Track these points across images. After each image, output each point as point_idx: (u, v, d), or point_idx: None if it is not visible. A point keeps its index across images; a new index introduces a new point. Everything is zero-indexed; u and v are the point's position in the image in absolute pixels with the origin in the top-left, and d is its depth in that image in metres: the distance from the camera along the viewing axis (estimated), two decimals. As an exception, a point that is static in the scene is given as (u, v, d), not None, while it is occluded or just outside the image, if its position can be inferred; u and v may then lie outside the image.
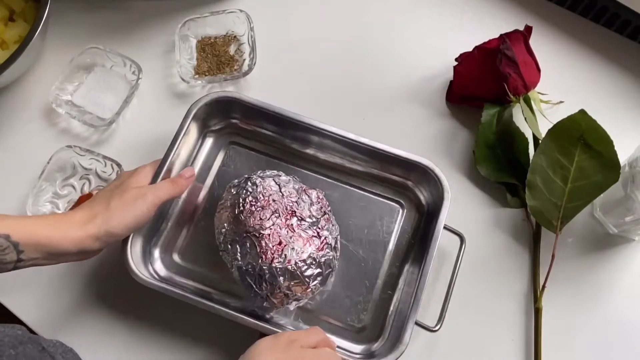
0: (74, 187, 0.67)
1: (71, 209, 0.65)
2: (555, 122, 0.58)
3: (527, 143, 0.64)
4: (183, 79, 0.69)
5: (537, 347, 0.59)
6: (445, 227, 0.58)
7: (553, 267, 0.59)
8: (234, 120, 0.66)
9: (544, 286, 0.60)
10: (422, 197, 0.63)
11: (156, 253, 0.62)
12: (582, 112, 0.57)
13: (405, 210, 0.63)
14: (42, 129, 0.69)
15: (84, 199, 0.65)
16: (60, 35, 0.73)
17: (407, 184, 0.64)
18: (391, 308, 0.59)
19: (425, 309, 0.59)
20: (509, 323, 0.60)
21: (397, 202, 0.64)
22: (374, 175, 0.64)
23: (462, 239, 0.60)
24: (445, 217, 0.58)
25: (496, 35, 0.64)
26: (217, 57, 0.72)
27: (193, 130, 0.64)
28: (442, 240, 0.58)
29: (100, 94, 0.70)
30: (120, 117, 0.68)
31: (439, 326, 0.56)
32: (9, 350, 0.43)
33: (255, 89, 0.70)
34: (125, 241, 0.58)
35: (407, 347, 0.53)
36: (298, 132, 0.63)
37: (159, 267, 0.61)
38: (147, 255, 0.61)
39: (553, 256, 0.59)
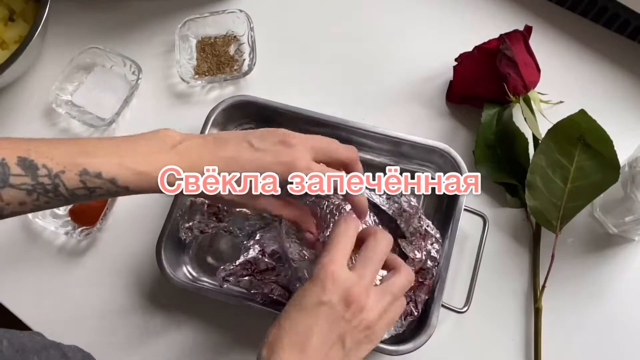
0: (74, 187, 0.67)
1: (71, 208, 0.65)
2: (555, 122, 0.58)
3: (527, 143, 0.64)
4: (183, 79, 0.69)
5: (537, 347, 0.59)
6: (466, 209, 0.59)
7: (553, 267, 0.59)
8: (247, 125, 0.67)
9: (544, 286, 0.60)
10: None
11: (186, 256, 0.63)
12: (582, 112, 0.57)
13: (426, 197, 0.64)
14: (42, 129, 0.70)
15: (84, 199, 0.65)
16: (60, 35, 0.73)
17: (426, 172, 0.65)
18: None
19: (450, 292, 0.60)
20: (509, 323, 0.60)
21: None
22: (394, 166, 0.65)
23: (485, 220, 0.61)
24: (465, 198, 0.59)
25: (496, 35, 0.64)
26: (217, 57, 0.72)
27: None
28: (463, 223, 0.58)
29: (100, 94, 0.70)
30: (120, 117, 0.68)
31: (466, 307, 0.57)
32: (33, 356, 0.43)
33: (255, 89, 0.70)
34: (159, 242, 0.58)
35: (434, 329, 0.54)
36: (320, 129, 0.63)
37: (190, 268, 0.62)
38: (180, 256, 0.61)
39: (553, 256, 0.59)
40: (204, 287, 0.59)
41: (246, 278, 0.56)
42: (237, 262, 0.55)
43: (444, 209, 0.63)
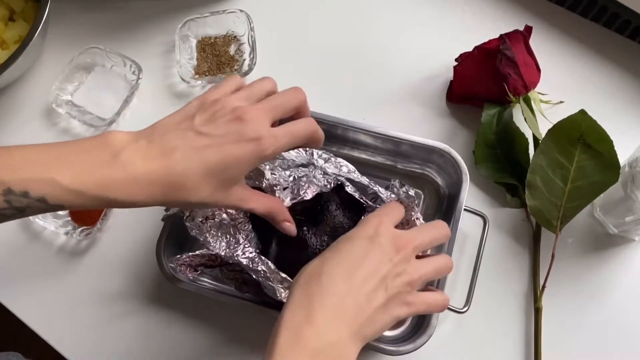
0: (74, 187, 0.67)
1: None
2: (555, 122, 0.58)
3: (527, 143, 0.64)
4: (183, 79, 0.69)
5: (537, 347, 0.59)
6: (466, 209, 0.59)
7: (553, 267, 0.59)
8: None
9: (544, 286, 0.60)
10: (440, 182, 0.64)
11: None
12: (582, 112, 0.57)
13: (426, 197, 0.64)
14: (42, 129, 0.70)
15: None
16: (60, 35, 0.73)
17: (426, 171, 0.65)
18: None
19: (450, 292, 0.60)
20: (509, 323, 0.60)
21: (419, 189, 0.64)
22: (393, 166, 0.65)
23: (485, 220, 0.60)
24: (465, 197, 0.59)
25: (496, 35, 0.64)
26: (217, 57, 0.72)
27: None
28: (463, 224, 0.58)
29: (100, 94, 0.70)
30: (120, 117, 0.68)
31: (466, 308, 0.57)
32: None
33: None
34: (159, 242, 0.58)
35: (434, 329, 0.54)
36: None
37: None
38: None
39: (553, 256, 0.59)
40: (204, 287, 0.59)
41: (216, 269, 0.56)
42: (197, 252, 0.54)
43: (444, 209, 0.63)
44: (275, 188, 0.51)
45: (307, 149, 0.58)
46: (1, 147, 0.41)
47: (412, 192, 0.56)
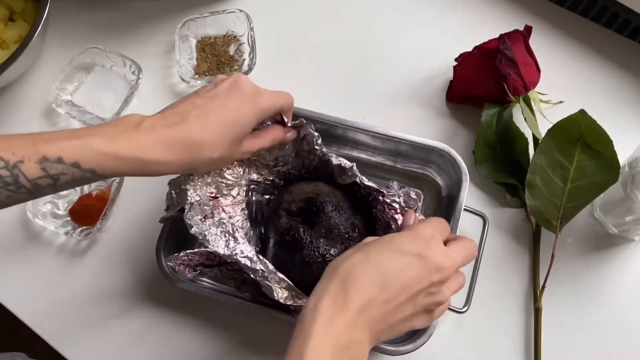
0: (74, 187, 0.67)
1: (71, 208, 0.65)
2: (555, 122, 0.58)
3: (527, 143, 0.64)
4: (183, 79, 0.69)
5: (537, 347, 0.59)
6: (466, 209, 0.59)
7: (553, 267, 0.59)
8: None
9: (544, 286, 0.60)
10: (440, 182, 0.64)
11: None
12: (582, 112, 0.57)
13: (426, 197, 0.64)
14: (42, 129, 0.70)
15: (84, 199, 0.65)
16: (60, 35, 0.73)
17: (426, 171, 0.65)
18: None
19: None
20: (509, 323, 0.60)
21: (419, 189, 0.64)
22: (393, 166, 0.65)
23: (484, 219, 0.60)
24: (465, 197, 0.59)
25: (496, 35, 0.64)
26: (217, 57, 0.72)
27: None
28: (463, 224, 0.58)
29: (100, 94, 0.70)
30: (120, 117, 0.68)
31: (466, 308, 0.57)
32: None
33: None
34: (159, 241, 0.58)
35: (435, 329, 0.54)
36: (320, 129, 0.62)
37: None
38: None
39: (553, 256, 0.59)
40: (204, 287, 0.59)
41: (215, 269, 0.56)
42: (195, 250, 0.54)
43: (443, 209, 0.63)
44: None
45: None
46: (30, 133, 0.44)
47: (413, 195, 0.56)
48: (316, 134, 0.57)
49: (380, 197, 0.55)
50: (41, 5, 0.66)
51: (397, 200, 0.55)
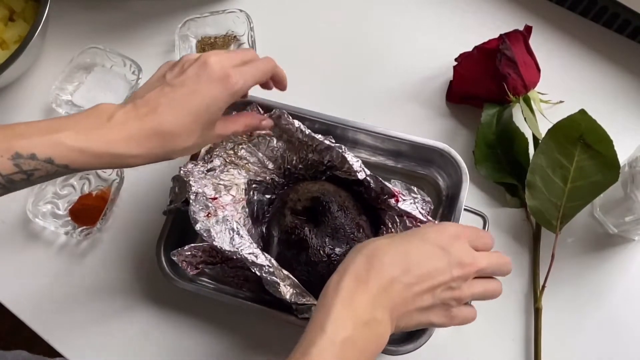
0: (73, 187, 0.67)
1: (71, 208, 0.65)
2: (555, 122, 0.58)
3: (527, 143, 0.64)
4: (183, 79, 0.69)
5: (537, 347, 0.59)
6: (466, 209, 0.59)
7: (553, 267, 0.59)
8: None
9: (544, 286, 0.60)
10: (440, 182, 0.64)
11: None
12: (582, 112, 0.57)
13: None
14: (42, 129, 0.69)
15: (83, 199, 0.65)
16: (60, 35, 0.73)
17: (426, 171, 0.65)
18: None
19: None
20: (509, 323, 0.60)
21: (419, 188, 0.63)
22: (393, 166, 0.65)
23: (484, 219, 0.60)
24: (465, 197, 0.59)
25: (496, 35, 0.64)
26: (217, 57, 0.72)
27: None
28: (463, 223, 0.58)
29: (100, 94, 0.70)
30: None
31: None
32: None
33: (255, 88, 0.70)
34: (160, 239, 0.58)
35: (435, 329, 0.54)
36: (320, 129, 0.63)
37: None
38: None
39: (553, 256, 0.59)
40: (204, 287, 0.59)
41: (217, 266, 0.56)
42: (199, 244, 0.55)
43: (444, 209, 0.63)
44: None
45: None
46: (4, 125, 0.44)
47: (427, 197, 0.57)
48: (297, 123, 0.58)
49: (393, 201, 0.56)
50: (41, 5, 0.66)
51: (417, 208, 0.56)
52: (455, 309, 0.46)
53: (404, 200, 0.56)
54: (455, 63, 0.68)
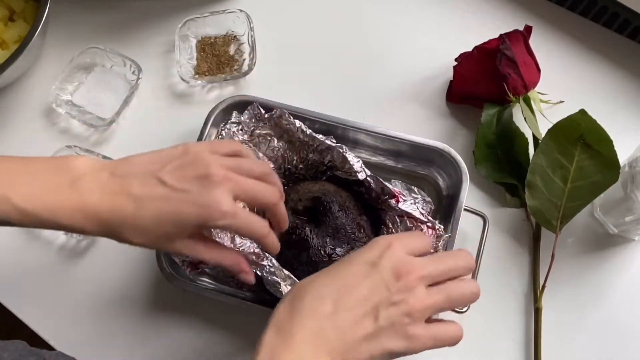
0: (73, 187, 0.67)
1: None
2: (555, 122, 0.58)
3: (527, 143, 0.64)
4: (183, 79, 0.69)
5: (537, 347, 0.59)
6: (466, 209, 0.59)
7: (553, 267, 0.59)
8: None
9: (544, 286, 0.60)
10: (440, 182, 0.64)
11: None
12: (582, 112, 0.57)
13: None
14: (42, 128, 0.70)
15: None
16: (60, 35, 0.73)
17: (426, 171, 0.65)
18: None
19: None
20: (509, 323, 0.60)
21: (419, 188, 0.64)
22: (393, 166, 0.65)
23: (484, 219, 0.60)
24: (465, 197, 0.59)
25: (496, 35, 0.64)
26: (217, 57, 0.72)
27: (213, 136, 0.63)
28: (463, 224, 0.58)
29: (100, 94, 0.70)
30: (120, 117, 0.68)
31: (466, 308, 0.57)
32: None
33: (255, 89, 0.70)
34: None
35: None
36: (320, 129, 0.63)
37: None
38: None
39: (553, 256, 0.59)
40: (204, 288, 0.59)
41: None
42: None
43: (444, 209, 0.63)
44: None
45: None
46: None
47: (427, 198, 0.57)
48: (298, 122, 0.58)
49: (393, 201, 0.56)
50: (41, 5, 0.66)
51: (418, 208, 0.56)
52: (412, 326, 0.39)
53: (404, 200, 0.56)
54: (455, 63, 0.68)
